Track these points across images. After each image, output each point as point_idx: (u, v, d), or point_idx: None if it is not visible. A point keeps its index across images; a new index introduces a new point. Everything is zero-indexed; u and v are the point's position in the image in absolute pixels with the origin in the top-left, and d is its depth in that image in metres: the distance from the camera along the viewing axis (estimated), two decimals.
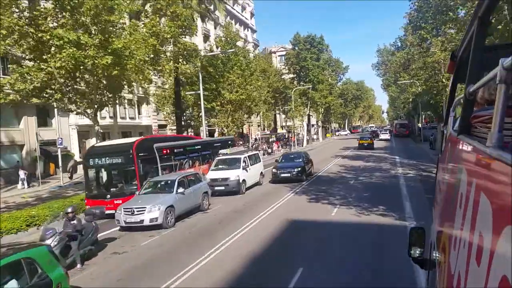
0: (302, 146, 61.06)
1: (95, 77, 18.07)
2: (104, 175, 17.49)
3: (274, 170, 22.54)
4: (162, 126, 48.42)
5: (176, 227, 14.27)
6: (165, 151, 17.85)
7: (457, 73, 3.03)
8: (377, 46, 65.96)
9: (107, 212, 13.82)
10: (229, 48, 32.39)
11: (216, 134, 40.06)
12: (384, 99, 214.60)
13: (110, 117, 41.36)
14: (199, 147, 21.69)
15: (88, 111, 20.22)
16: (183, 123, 42.97)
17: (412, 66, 37.40)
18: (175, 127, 43.89)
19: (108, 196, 16.14)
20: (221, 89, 31.59)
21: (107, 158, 16.30)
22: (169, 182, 15.25)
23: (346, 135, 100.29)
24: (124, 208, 13.89)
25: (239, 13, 77.24)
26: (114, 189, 16.73)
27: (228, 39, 33.59)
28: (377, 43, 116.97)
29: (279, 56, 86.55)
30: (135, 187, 15.92)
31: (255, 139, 44.76)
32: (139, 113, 46.51)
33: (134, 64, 18.10)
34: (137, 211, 13.63)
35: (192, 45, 24.97)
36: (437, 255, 2.52)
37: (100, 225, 13.45)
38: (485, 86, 1.87)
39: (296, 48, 59.03)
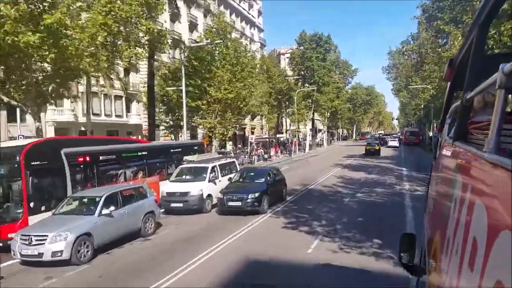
0: (304, 152, 56.96)
1: (22, 61, 14.32)
2: None
3: (220, 195, 15.50)
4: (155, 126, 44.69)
5: (93, 264, 10.37)
6: (82, 159, 13.10)
7: (455, 80, 3.03)
8: (388, 48, 60.36)
9: None
10: (219, 39, 28.52)
11: (212, 142, 36.30)
12: (395, 106, 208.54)
13: (94, 114, 38.02)
14: (145, 153, 16.70)
15: (31, 104, 16.59)
16: (171, 123, 39.44)
17: (425, 66, 33.22)
18: (170, 128, 40.40)
19: None
20: (207, 86, 27.68)
21: None
22: (93, 199, 11.33)
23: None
24: (21, 235, 10.05)
25: (245, 10, 73.49)
26: None
27: (220, 30, 29.66)
28: (389, 46, 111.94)
29: (287, 58, 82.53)
30: (20, 211, 11.32)
31: (250, 143, 40.72)
32: (128, 111, 42.92)
33: (75, 47, 14.32)
34: (36, 240, 9.78)
35: (165, 31, 21.14)
36: (428, 261, 2.49)
37: None
38: (481, 93, 1.84)
39: (302, 47, 54.96)
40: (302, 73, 56.23)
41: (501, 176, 0.96)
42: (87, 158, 13.15)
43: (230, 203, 15.03)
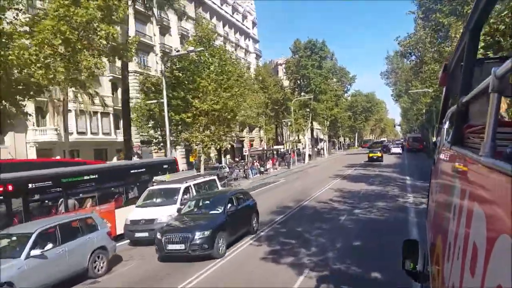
0: (304, 162, 54.68)
1: None
2: None
3: (158, 235, 11.49)
4: (147, 143, 42.75)
5: None
6: (1, 189, 10.21)
7: (450, 85, 3.07)
8: (386, 52, 58.44)
9: None
10: (203, 46, 26.56)
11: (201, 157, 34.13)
12: (397, 112, 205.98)
13: (79, 133, 36.07)
14: (94, 177, 13.65)
15: None
16: (160, 138, 37.36)
17: (424, 67, 31.09)
18: (158, 144, 38.26)
19: None
20: (192, 97, 25.60)
21: None
22: (22, 237, 9.12)
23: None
24: None
25: (239, 21, 72.03)
26: None
27: (204, 38, 27.71)
28: (387, 50, 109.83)
29: (285, 69, 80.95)
30: None
31: (245, 156, 38.52)
32: (117, 128, 40.94)
33: (16, 55, 12.32)
34: None
35: (134, 38, 19.07)
36: (430, 267, 2.52)
37: None
38: (476, 97, 1.83)
39: (297, 55, 53.09)
40: (299, 82, 54.29)
41: (497, 180, 0.96)
42: (9, 188, 10.40)
43: (170, 246, 11.03)
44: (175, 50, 37.17)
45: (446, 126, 3.10)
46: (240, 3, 73.78)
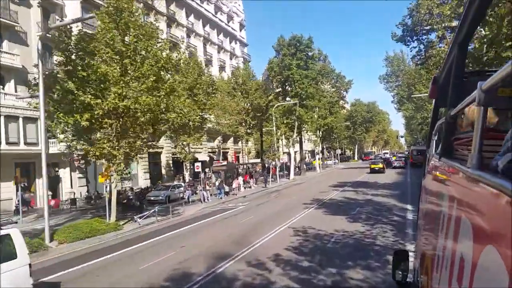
0: (289, 178, 45.76)
1: None
2: None
3: None
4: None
5: None
6: None
7: (439, 97, 3.05)
8: (385, 53, 49.80)
9: None
10: (114, 20, 18.06)
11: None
12: (401, 123, 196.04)
13: None
14: None
15: None
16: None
17: (432, 52, 22.46)
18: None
19: None
20: (83, 91, 16.93)
21: None
22: None
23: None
24: None
25: (223, 22, 63.93)
26: None
27: (123, 10, 19.15)
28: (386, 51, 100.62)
29: (267, 70, 72.56)
30: None
31: (200, 173, 29.56)
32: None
33: None
34: None
35: None
36: (420, 278, 2.52)
37: None
38: (463, 110, 1.88)
39: (280, 55, 44.57)
40: (283, 85, 45.66)
41: (483, 192, 0.96)
42: None
43: None
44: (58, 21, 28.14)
45: (435, 138, 3.15)
46: (224, 3, 65.88)
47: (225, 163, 36.22)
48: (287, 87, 44.09)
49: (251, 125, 47.68)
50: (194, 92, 36.22)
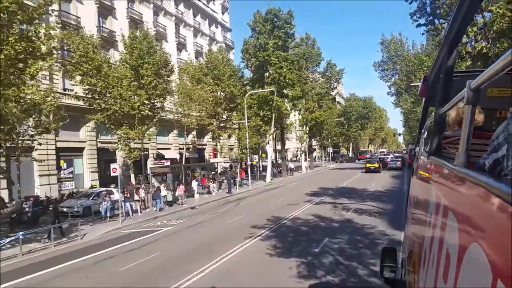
0: (265, 181, 38.33)
1: None
2: None
3: None
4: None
5: None
6: None
7: (429, 96, 3.07)
8: (380, 36, 42.34)
9: None
10: None
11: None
12: (399, 120, 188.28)
13: None
14: None
15: None
16: None
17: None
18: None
19: None
20: None
21: None
22: None
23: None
24: None
25: (201, 1, 56.26)
26: None
27: None
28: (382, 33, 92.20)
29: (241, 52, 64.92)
30: None
31: (120, 176, 21.94)
32: None
33: None
34: None
35: None
36: (407, 275, 2.52)
37: None
38: (452, 109, 1.88)
39: (255, 34, 36.89)
40: (259, 71, 38.04)
41: (469, 190, 0.96)
42: None
43: None
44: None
45: (424, 136, 3.12)
46: None
47: (167, 163, 28.74)
48: (264, 73, 36.53)
49: (226, 118, 40.28)
50: (140, 73, 28.88)
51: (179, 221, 18.72)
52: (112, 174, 19.40)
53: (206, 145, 53.86)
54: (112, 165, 19.34)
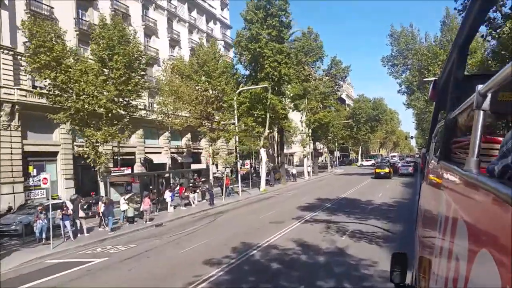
0: (260, 189, 33.83)
1: None
2: None
3: None
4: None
5: None
6: None
7: (439, 101, 3.01)
8: (390, 28, 37.53)
9: None
10: None
11: None
12: (411, 122, 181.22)
13: None
14: None
15: None
16: None
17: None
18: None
19: None
20: None
21: None
22: None
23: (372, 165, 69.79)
24: None
25: None
26: None
27: None
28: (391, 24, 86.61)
29: (234, 45, 60.45)
30: None
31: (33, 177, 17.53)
32: None
33: None
34: None
35: None
36: (418, 281, 2.49)
37: None
38: (462, 113, 1.82)
39: (247, 24, 32.57)
40: (253, 65, 33.69)
41: (479, 196, 0.94)
42: None
43: None
44: None
45: (435, 141, 3.10)
46: None
47: (128, 171, 24.42)
48: (258, 68, 32.20)
49: (220, 119, 36.00)
50: (109, 66, 24.90)
51: (124, 248, 14.41)
52: (42, 185, 15.24)
53: (202, 148, 49.77)
54: (43, 175, 15.17)
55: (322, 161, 76.47)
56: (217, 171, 47.39)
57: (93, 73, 23.81)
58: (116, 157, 28.31)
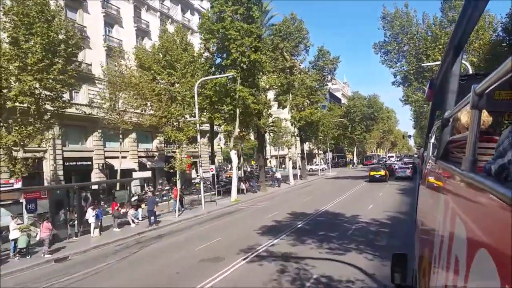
0: (231, 197, 28.27)
1: None
2: None
3: None
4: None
5: None
6: None
7: (436, 100, 2.96)
8: (382, 9, 31.95)
9: None
10: None
11: None
12: (409, 119, 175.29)
13: None
14: None
15: None
16: None
17: None
18: None
19: None
20: None
21: None
22: None
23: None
24: None
25: None
26: None
27: None
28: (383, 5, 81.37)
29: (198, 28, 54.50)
30: None
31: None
32: None
33: None
34: None
35: None
36: (418, 281, 2.44)
37: None
38: (458, 113, 1.82)
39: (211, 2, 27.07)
40: (219, 50, 28.13)
41: (476, 195, 0.94)
42: None
43: None
44: None
45: (432, 140, 3.07)
46: None
47: (18, 184, 18.68)
48: (224, 55, 26.68)
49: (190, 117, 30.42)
50: (24, 49, 19.43)
51: None
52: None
53: (176, 152, 44.12)
54: None
55: (315, 163, 71.10)
56: (197, 176, 41.87)
57: (5, 57, 18.49)
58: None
